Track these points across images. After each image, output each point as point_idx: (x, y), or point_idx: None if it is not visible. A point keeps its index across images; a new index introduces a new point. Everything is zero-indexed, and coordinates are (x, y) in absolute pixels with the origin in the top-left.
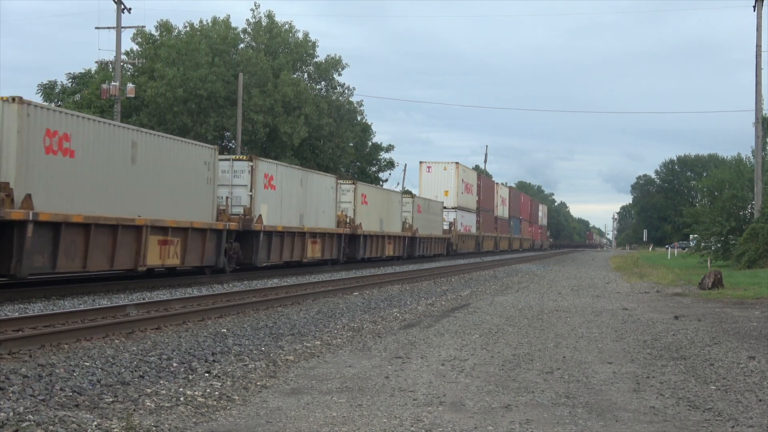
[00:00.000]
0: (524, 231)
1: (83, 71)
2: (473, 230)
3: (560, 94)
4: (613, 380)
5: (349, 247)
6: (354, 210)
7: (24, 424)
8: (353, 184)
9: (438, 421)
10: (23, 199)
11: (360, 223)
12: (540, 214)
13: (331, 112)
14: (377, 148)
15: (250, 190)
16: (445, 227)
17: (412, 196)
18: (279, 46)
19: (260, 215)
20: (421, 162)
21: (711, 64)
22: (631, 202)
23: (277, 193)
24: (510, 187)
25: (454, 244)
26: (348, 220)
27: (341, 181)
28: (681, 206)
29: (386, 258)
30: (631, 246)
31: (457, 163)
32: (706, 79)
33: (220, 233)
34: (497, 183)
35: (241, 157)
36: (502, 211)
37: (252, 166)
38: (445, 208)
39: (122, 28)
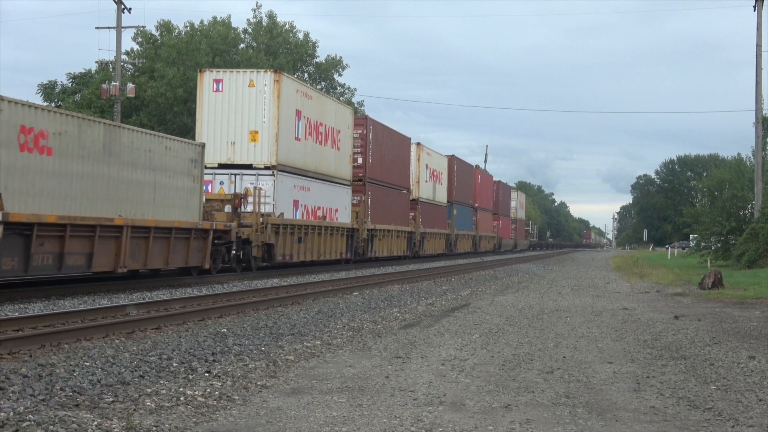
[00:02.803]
0: (482, 225)
1: (83, 71)
2: (343, 218)
3: (560, 94)
4: (613, 380)
5: None
6: None
7: (24, 424)
8: None
9: (438, 421)
10: None
11: None
12: (513, 203)
13: None
14: None
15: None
16: (228, 209)
17: None
18: (279, 46)
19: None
20: (201, 71)
21: (711, 64)
22: (631, 202)
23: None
24: (453, 157)
25: (256, 243)
26: None
27: None
28: (681, 206)
29: None
30: (631, 246)
31: (277, 72)
32: (706, 79)
33: (206, 233)
34: (420, 145)
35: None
36: (431, 191)
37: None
38: (227, 166)
39: (122, 28)
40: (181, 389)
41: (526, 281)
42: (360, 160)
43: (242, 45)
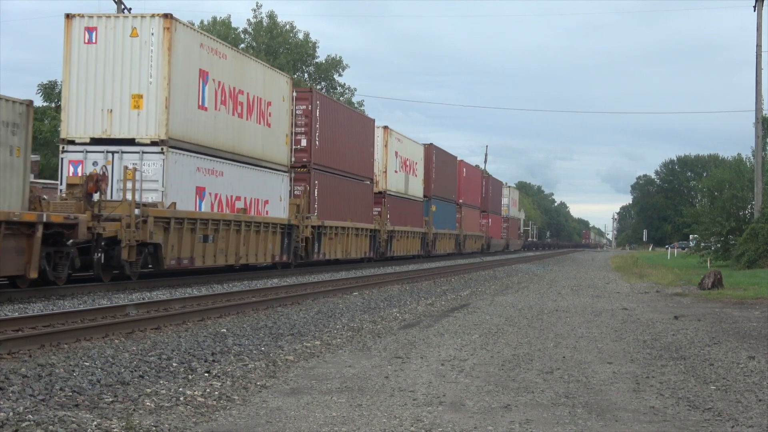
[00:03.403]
0: (467, 223)
1: None
2: (276, 211)
3: (560, 94)
4: (612, 380)
5: None
6: None
7: (24, 424)
8: None
9: (438, 421)
10: None
11: None
12: (505, 200)
13: None
14: None
15: None
16: (97, 197)
17: None
18: (279, 46)
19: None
20: (69, 16)
21: (711, 64)
22: (631, 202)
23: None
24: (431, 146)
25: (128, 243)
26: None
27: None
28: (681, 206)
29: None
30: (631, 246)
31: (168, 17)
32: (706, 79)
33: (31, 228)
34: (388, 129)
35: None
36: (403, 183)
37: None
38: (102, 141)
39: None
40: (180, 389)
41: (526, 281)
42: (304, 142)
43: (242, 45)
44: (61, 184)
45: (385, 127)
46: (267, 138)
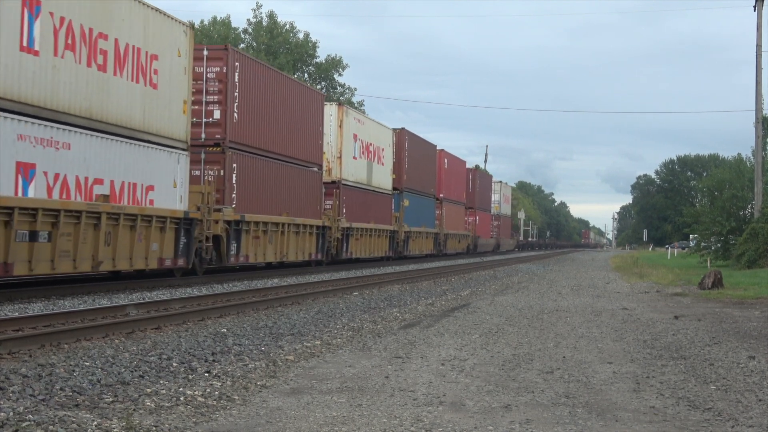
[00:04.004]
0: (450, 221)
1: None
2: (165, 201)
3: (560, 94)
4: (613, 380)
5: None
6: None
7: (24, 424)
8: None
9: (438, 421)
10: None
11: None
12: (496, 196)
13: None
14: None
15: None
16: None
17: None
18: (279, 46)
19: None
20: None
21: (711, 64)
22: (631, 202)
23: None
24: (402, 131)
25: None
26: None
27: None
28: (681, 206)
29: None
30: (631, 246)
31: None
32: (706, 79)
33: None
34: (344, 107)
35: None
36: (364, 172)
37: None
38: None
39: None
40: (180, 389)
41: (526, 281)
42: (217, 114)
43: (242, 45)
44: None
45: (340, 104)
46: (151, 103)
